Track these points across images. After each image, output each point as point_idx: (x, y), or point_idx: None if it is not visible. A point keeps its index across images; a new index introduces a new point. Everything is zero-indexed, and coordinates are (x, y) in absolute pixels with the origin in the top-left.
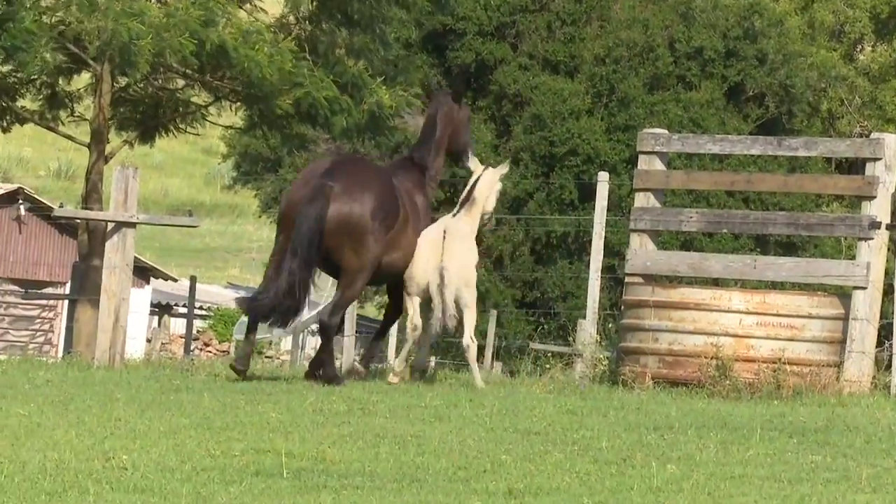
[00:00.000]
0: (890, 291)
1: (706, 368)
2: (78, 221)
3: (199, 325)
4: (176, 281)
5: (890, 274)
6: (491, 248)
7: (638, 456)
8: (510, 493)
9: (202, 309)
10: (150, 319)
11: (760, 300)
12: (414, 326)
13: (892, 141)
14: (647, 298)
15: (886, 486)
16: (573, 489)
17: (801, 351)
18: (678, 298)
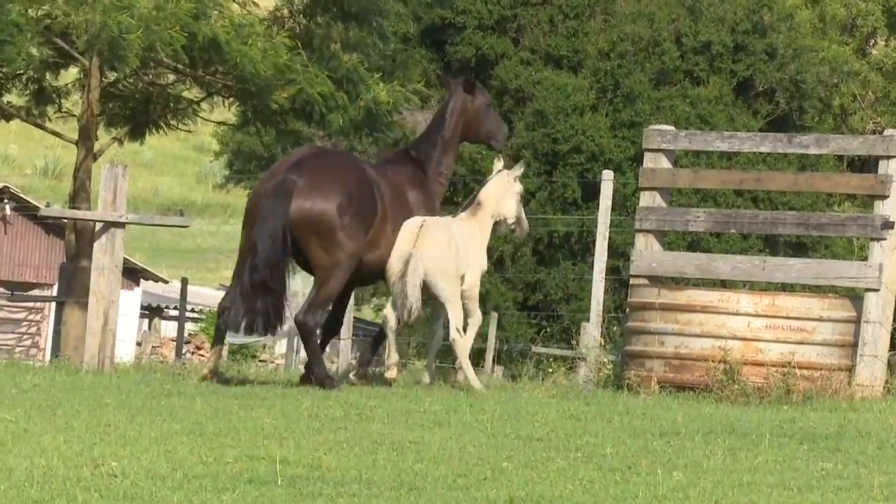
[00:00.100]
0: None
1: (714, 372)
2: (65, 221)
3: (190, 328)
4: (167, 282)
5: None
6: (490, 249)
7: (643, 463)
8: (511, 501)
9: (194, 311)
10: (140, 322)
11: (769, 302)
12: (384, 318)
13: None
14: (652, 300)
15: None
16: (576, 497)
17: (811, 354)
18: (685, 300)
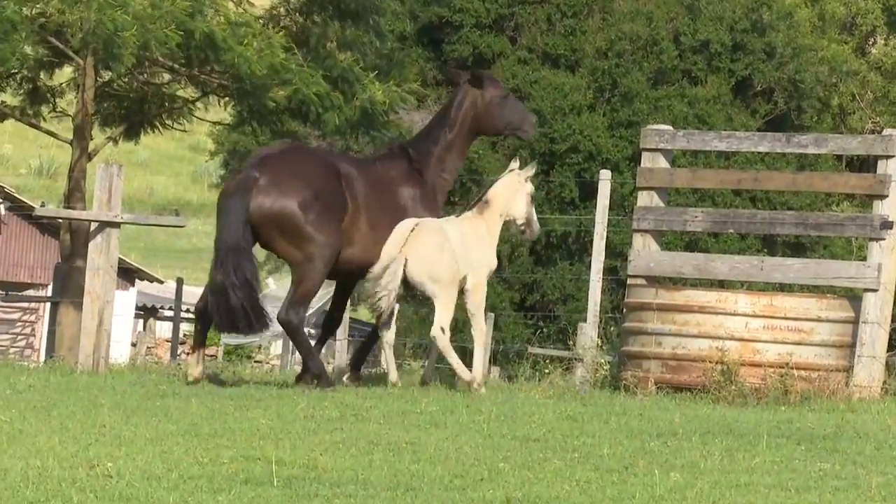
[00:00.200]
0: None
1: (711, 373)
2: (60, 221)
3: (185, 328)
4: (162, 283)
5: None
6: None
7: (640, 463)
8: (508, 502)
9: (189, 312)
10: (135, 323)
11: (767, 303)
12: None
13: None
14: (650, 301)
15: None
16: (573, 498)
17: (809, 355)
18: (682, 301)
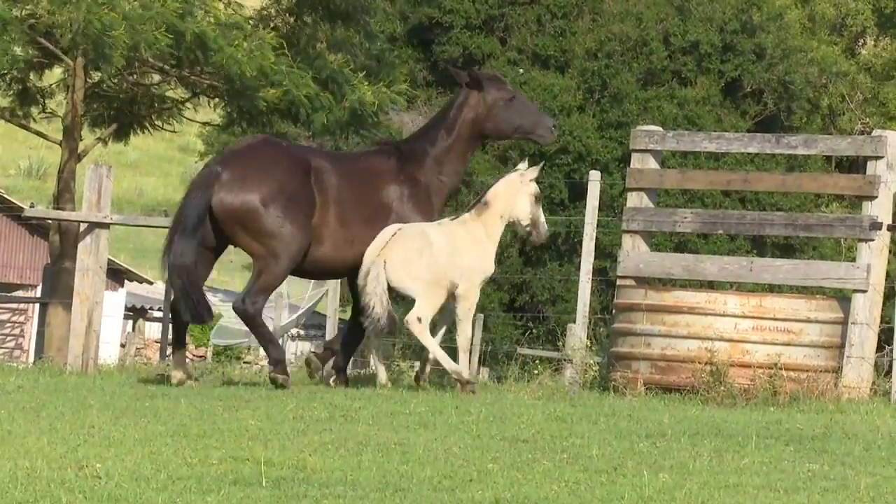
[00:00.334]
0: (891, 295)
1: (700, 374)
2: (49, 222)
3: None
4: (151, 284)
5: (891, 276)
6: None
7: (629, 464)
8: (497, 502)
9: None
10: (124, 323)
11: (757, 304)
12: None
13: (894, 139)
14: (639, 302)
15: (886, 495)
16: (562, 499)
17: (798, 356)
18: (671, 302)
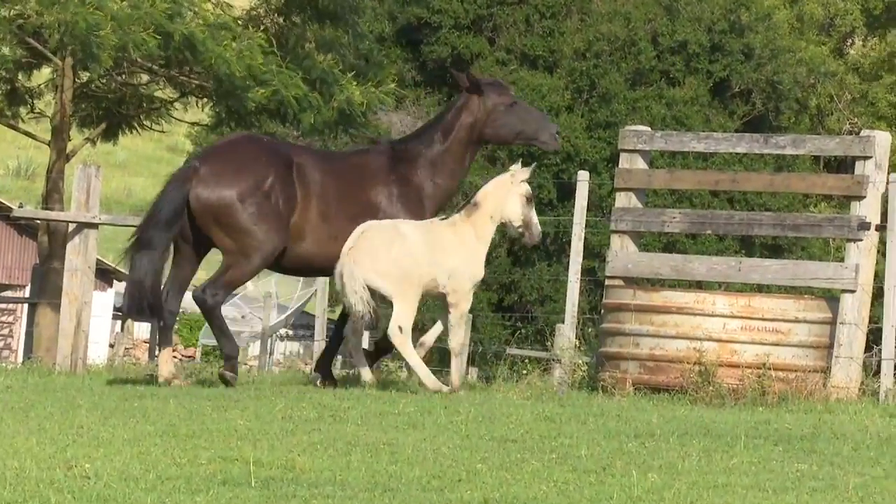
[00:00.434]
0: (879, 295)
1: (689, 374)
2: (38, 222)
3: None
4: None
5: (879, 276)
6: None
7: (618, 464)
8: (486, 502)
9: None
10: (112, 324)
11: (745, 304)
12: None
13: (882, 139)
14: (628, 302)
15: (874, 495)
16: (551, 499)
17: (786, 356)
18: (660, 302)
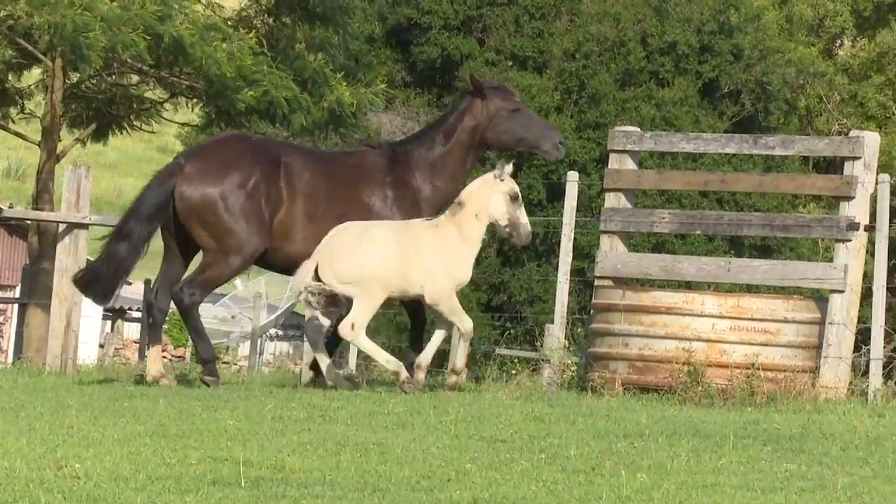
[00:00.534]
0: (868, 295)
1: (678, 374)
2: (28, 222)
3: None
4: (130, 284)
5: (868, 277)
6: None
7: (607, 464)
8: (475, 502)
9: None
10: (102, 324)
11: (734, 304)
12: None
13: (871, 139)
14: (617, 302)
15: (863, 495)
16: (540, 498)
17: (775, 356)
18: (649, 302)
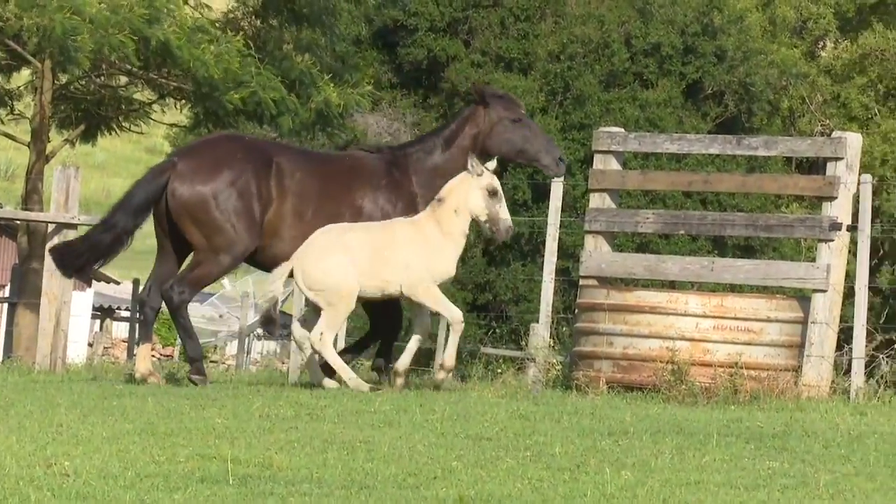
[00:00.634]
0: (850, 294)
1: (662, 373)
2: (18, 223)
3: None
4: (118, 284)
5: (850, 276)
6: None
7: (592, 462)
8: (461, 499)
9: None
10: (91, 323)
11: (718, 303)
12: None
13: (853, 140)
14: (601, 301)
15: (845, 492)
16: (525, 496)
17: (758, 355)
18: (633, 301)
